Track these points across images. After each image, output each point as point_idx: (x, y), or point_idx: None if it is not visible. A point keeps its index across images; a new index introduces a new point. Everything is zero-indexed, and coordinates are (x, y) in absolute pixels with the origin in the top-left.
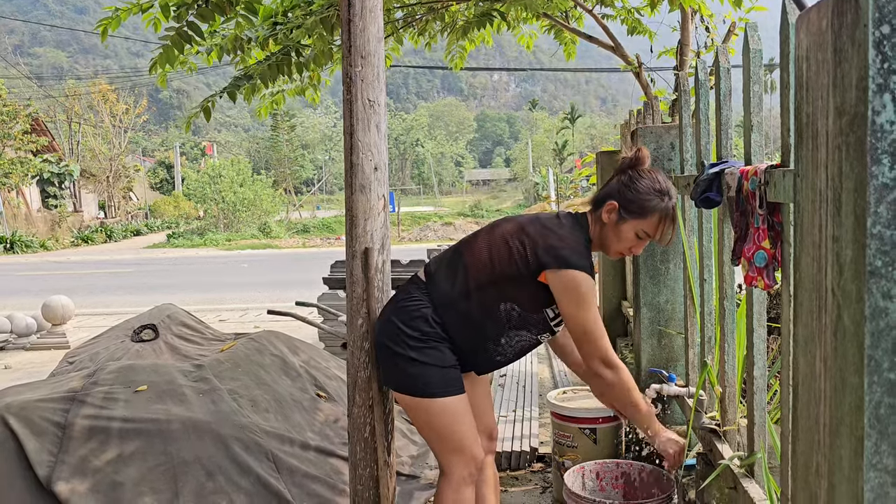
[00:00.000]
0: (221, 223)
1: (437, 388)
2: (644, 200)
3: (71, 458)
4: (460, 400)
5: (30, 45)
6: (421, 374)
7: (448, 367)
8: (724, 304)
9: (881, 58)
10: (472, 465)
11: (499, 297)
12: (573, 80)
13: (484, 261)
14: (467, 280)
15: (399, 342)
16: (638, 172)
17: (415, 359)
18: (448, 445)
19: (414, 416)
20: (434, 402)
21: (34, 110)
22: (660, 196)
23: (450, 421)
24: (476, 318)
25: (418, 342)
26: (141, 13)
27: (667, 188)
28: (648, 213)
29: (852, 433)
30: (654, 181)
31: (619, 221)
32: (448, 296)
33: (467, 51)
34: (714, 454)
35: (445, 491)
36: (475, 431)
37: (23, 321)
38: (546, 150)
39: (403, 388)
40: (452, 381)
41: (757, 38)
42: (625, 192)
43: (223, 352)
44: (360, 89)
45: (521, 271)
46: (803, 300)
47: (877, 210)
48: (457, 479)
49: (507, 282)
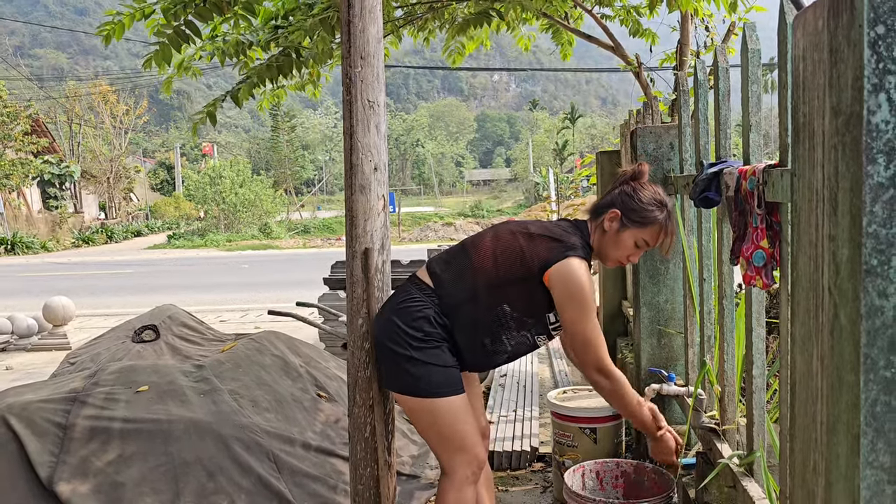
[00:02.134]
0: (222, 224)
1: (440, 388)
2: (646, 211)
3: (72, 458)
4: (462, 399)
5: (30, 46)
6: (424, 375)
7: (449, 367)
8: (723, 303)
9: (876, 58)
10: (475, 465)
11: (503, 299)
12: (573, 81)
13: (489, 263)
14: (475, 282)
15: (401, 343)
16: (640, 184)
17: (417, 359)
18: (451, 445)
19: (417, 418)
20: (438, 403)
21: (35, 111)
22: (660, 208)
23: (453, 420)
24: (480, 319)
25: (421, 342)
26: (144, 19)
27: (665, 200)
28: (649, 224)
29: (849, 431)
30: (655, 193)
31: (620, 229)
32: (454, 297)
33: (467, 49)
34: (713, 453)
35: (448, 490)
36: (477, 431)
37: (24, 322)
38: (546, 151)
39: (406, 390)
40: (454, 381)
41: (755, 38)
42: (627, 201)
43: (224, 352)
44: (359, 90)
45: (526, 273)
46: (800, 299)
47: (872, 209)
48: (459, 479)
49: (511, 284)
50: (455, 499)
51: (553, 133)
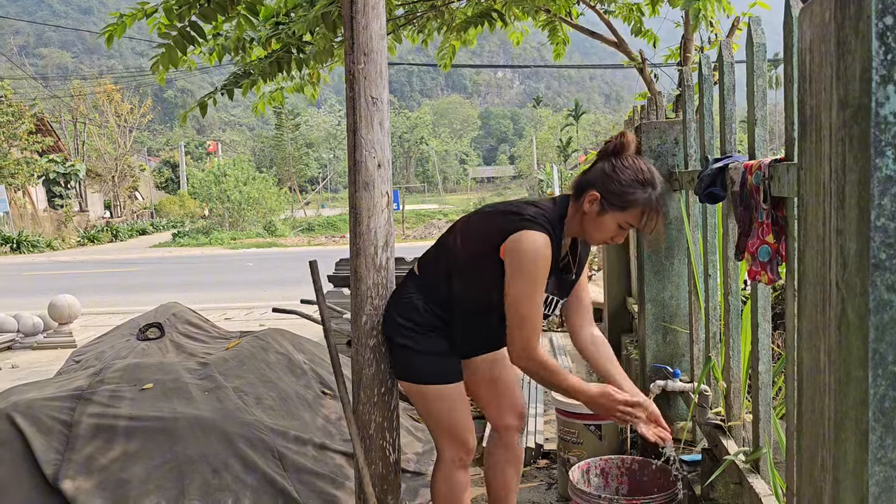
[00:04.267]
0: (227, 222)
1: (431, 376)
2: (627, 193)
3: (77, 456)
4: (454, 388)
5: (35, 45)
6: (415, 362)
7: (443, 355)
8: (728, 299)
9: (885, 49)
10: (462, 451)
11: (477, 280)
12: (577, 77)
13: (460, 245)
14: (448, 266)
15: (396, 332)
16: (622, 161)
17: (410, 347)
18: (441, 430)
19: (413, 402)
20: (429, 389)
21: (39, 110)
22: (643, 188)
23: (444, 407)
24: (457, 302)
25: (412, 332)
26: (146, 18)
27: (651, 178)
28: (631, 206)
29: (857, 427)
30: (638, 171)
31: (600, 212)
32: (432, 283)
33: (456, 49)
34: (719, 450)
35: (437, 471)
36: (469, 420)
37: (29, 320)
38: (550, 147)
39: (401, 376)
40: (447, 369)
41: (760, 32)
42: (607, 182)
43: (229, 350)
44: (362, 86)
45: (489, 250)
46: (807, 294)
47: (881, 202)
48: (447, 462)
49: (480, 264)
50: (443, 478)
51: (557, 130)
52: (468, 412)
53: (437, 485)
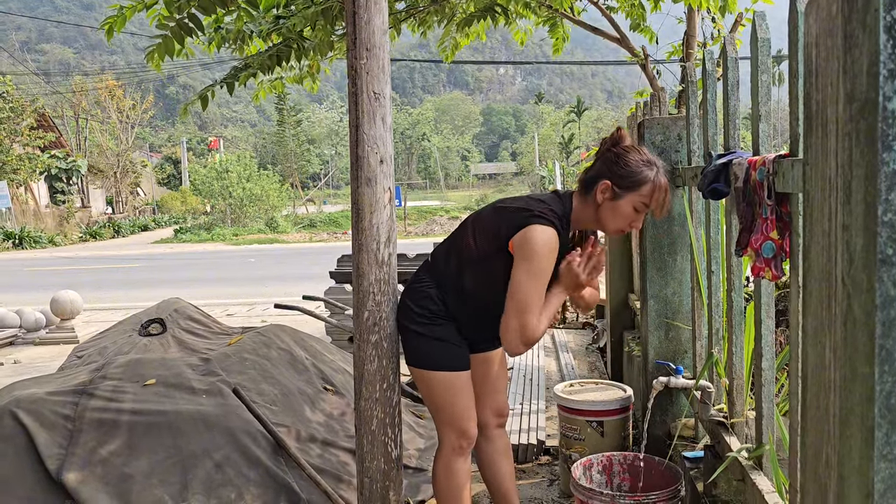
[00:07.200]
0: (228, 218)
1: (438, 363)
2: (636, 173)
3: (80, 450)
4: (459, 377)
5: (37, 41)
6: (425, 348)
7: (452, 343)
8: (731, 295)
9: (892, 43)
10: (463, 440)
11: (488, 274)
12: (579, 74)
13: (470, 240)
14: (459, 259)
15: (409, 319)
16: (623, 149)
17: (421, 333)
18: (443, 416)
19: (419, 386)
20: (434, 375)
21: (41, 106)
22: (648, 166)
23: (448, 394)
24: (469, 295)
25: (425, 319)
26: (146, 10)
27: (653, 159)
28: (642, 184)
29: (863, 423)
30: (640, 153)
31: (614, 198)
32: (445, 275)
33: (461, 45)
34: (722, 446)
35: (438, 458)
36: (472, 409)
37: (31, 316)
38: (552, 144)
39: (412, 361)
40: (454, 358)
41: (765, 27)
42: (615, 169)
43: (230, 345)
44: (365, 82)
45: (498, 246)
46: (813, 290)
47: (888, 198)
48: (447, 449)
49: (490, 259)
50: (443, 465)
51: (559, 126)
52: (472, 401)
53: (437, 472)
